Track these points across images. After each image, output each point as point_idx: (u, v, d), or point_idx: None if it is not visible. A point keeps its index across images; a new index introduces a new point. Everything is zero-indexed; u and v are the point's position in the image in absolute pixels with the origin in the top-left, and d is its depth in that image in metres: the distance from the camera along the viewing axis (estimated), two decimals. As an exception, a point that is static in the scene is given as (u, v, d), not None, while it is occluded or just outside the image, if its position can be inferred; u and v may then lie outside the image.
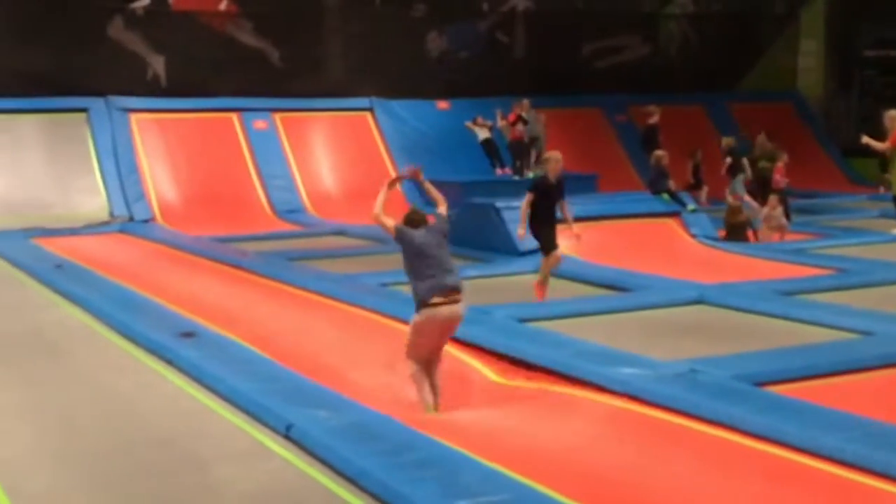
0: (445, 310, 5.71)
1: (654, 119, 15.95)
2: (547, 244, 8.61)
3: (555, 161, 8.67)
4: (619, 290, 8.88)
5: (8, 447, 5.06)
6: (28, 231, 13.91)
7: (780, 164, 13.56)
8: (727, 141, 14.75)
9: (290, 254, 11.64)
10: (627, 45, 20.10)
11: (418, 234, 5.89)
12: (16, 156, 15.64)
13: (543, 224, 8.58)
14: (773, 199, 12.50)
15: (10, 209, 14.87)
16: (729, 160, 14.17)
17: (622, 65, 19.86)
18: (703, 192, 15.92)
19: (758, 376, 5.86)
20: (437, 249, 5.84)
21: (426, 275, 5.73)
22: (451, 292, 5.78)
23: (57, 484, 4.56)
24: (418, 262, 5.78)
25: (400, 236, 5.92)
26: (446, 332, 5.86)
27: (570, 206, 8.82)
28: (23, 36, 16.00)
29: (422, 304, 5.73)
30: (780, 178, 13.37)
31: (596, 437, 5.16)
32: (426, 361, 5.80)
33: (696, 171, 15.93)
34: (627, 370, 5.96)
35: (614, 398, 5.68)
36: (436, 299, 5.69)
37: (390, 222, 5.99)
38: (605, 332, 7.27)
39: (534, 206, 8.51)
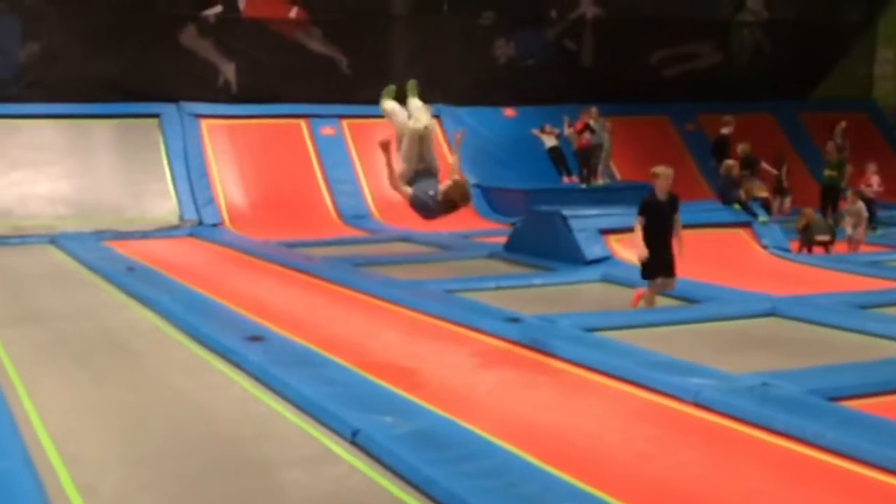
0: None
1: (727, 129, 15.68)
2: (652, 269, 8.00)
3: (664, 177, 8.01)
4: (688, 301, 8.74)
5: (79, 445, 5.17)
6: (100, 234, 14.30)
7: (868, 174, 13.42)
8: (743, 148, 14.49)
9: (356, 259, 11.74)
10: (698, 52, 19.83)
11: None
12: (89, 160, 16.09)
13: (651, 247, 7.89)
14: (851, 195, 12.35)
15: (84, 212, 15.30)
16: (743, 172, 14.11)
17: (692, 73, 19.60)
18: (787, 201, 15.68)
19: (832, 391, 5.72)
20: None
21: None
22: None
23: (127, 483, 4.64)
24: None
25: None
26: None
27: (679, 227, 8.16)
28: (98, 43, 16.46)
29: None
30: (865, 188, 13.21)
31: (666, 444, 5.08)
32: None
33: (779, 177, 15.74)
34: (697, 381, 5.87)
35: (685, 405, 5.61)
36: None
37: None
38: (673, 343, 7.17)
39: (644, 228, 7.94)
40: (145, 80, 16.58)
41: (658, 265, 8.01)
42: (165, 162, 16.27)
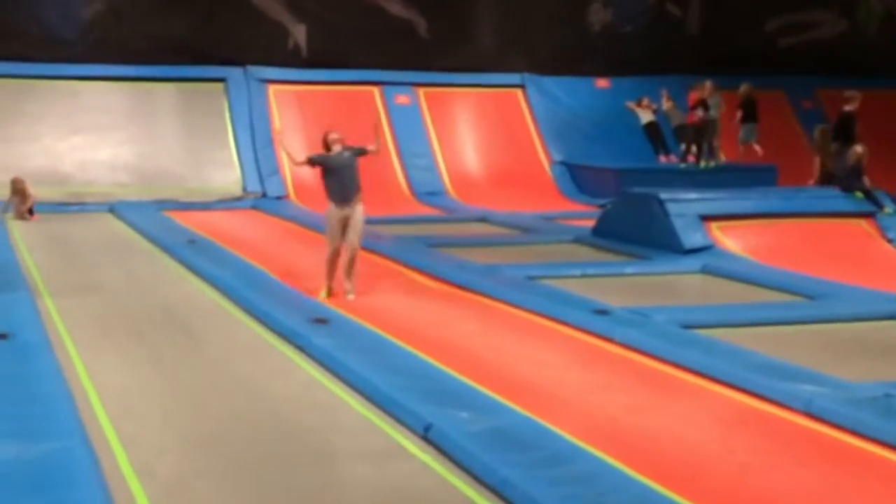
0: (344, 210, 8.45)
1: (851, 106, 15.13)
2: None
3: None
4: (800, 297, 8.51)
5: (137, 425, 5.29)
6: (161, 203, 14.63)
7: None
8: (746, 88, 15.30)
9: (429, 240, 11.75)
10: (819, 20, 19.22)
11: (334, 158, 8.59)
12: (152, 125, 16.43)
13: None
14: None
15: (144, 180, 15.66)
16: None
17: (812, 43, 19.02)
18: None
19: (968, 407, 5.47)
20: (348, 171, 8.52)
21: (335, 188, 8.50)
22: (348, 201, 8.46)
23: (184, 468, 4.73)
24: (330, 178, 8.54)
25: (316, 161, 8.70)
26: (346, 226, 8.44)
27: None
28: (163, 1, 16.75)
29: (330, 201, 8.52)
30: None
31: (772, 457, 4.94)
32: (337, 251, 8.49)
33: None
34: (810, 388, 5.70)
35: (795, 415, 5.45)
36: (337, 202, 8.48)
37: (301, 158, 8.96)
38: (782, 344, 6.98)
39: None
40: (212, 41, 16.81)
41: None
42: (230, 129, 16.52)
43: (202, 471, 4.70)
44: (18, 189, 13.54)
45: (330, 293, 8.52)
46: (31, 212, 13.48)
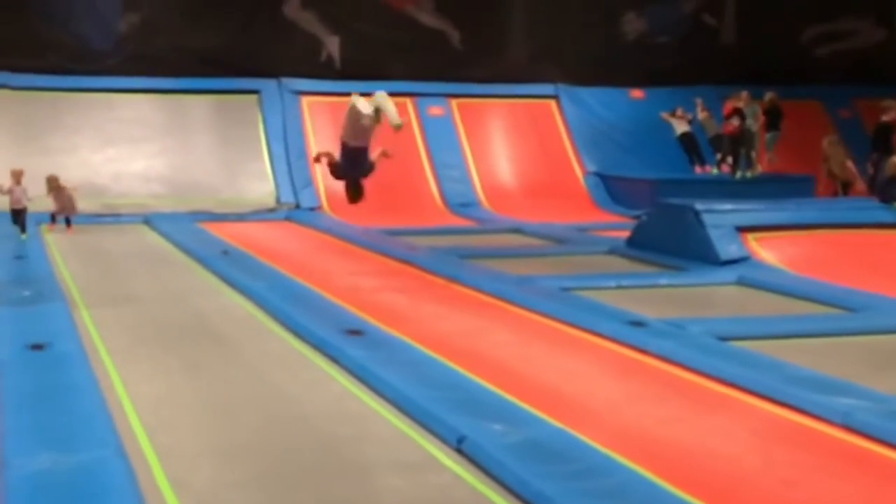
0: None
1: (889, 116, 15.00)
2: None
3: None
4: (838, 309, 8.42)
5: (171, 436, 5.33)
6: (195, 214, 14.77)
7: None
8: (770, 96, 15.72)
9: (462, 251, 11.76)
10: (856, 29, 19.07)
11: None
12: (186, 137, 16.62)
13: None
14: None
15: (178, 192, 15.83)
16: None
17: (849, 52, 18.88)
18: None
19: None
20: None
21: None
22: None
23: (219, 479, 4.75)
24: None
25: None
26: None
27: None
28: (196, 14, 16.95)
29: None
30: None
31: (812, 470, 4.89)
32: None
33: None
34: (848, 401, 5.63)
35: (833, 428, 5.40)
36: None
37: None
38: (820, 356, 6.90)
39: None
40: (246, 53, 16.98)
41: None
42: (264, 141, 16.66)
43: (236, 481, 4.73)
44: (54, 187, 13.53)
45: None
46: (68, 222, 13.60)
